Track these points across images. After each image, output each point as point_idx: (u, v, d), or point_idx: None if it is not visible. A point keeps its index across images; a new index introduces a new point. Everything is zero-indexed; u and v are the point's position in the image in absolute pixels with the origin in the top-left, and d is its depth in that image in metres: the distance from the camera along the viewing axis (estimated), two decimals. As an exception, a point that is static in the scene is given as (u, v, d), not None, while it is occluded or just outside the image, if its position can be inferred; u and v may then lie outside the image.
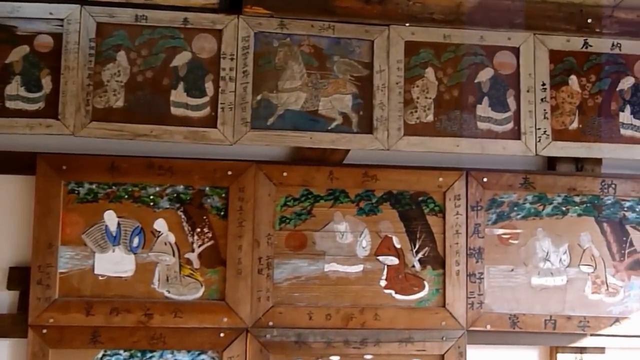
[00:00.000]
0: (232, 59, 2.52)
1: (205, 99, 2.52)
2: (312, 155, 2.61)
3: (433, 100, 2.64)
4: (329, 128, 2.57)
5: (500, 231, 2.66)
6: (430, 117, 2.63)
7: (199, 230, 2.51)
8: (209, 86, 2.52)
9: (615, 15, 2.74)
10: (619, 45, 2.73)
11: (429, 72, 2.65)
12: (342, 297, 2.54)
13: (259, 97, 2.54)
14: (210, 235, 2.51)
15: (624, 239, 2.70)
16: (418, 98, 2.63)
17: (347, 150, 2.62)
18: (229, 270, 2.48)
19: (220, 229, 2.51)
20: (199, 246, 2.51)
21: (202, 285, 2.50)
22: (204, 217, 2.52)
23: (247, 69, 2.52)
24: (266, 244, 2.51)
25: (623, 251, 2.70)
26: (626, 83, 2.74)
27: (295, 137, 2.54)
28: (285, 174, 2.54)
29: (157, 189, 2.51)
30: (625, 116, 2.72)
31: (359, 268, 2.57)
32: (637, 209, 2.72)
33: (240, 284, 2.48)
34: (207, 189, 2.53)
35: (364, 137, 2.58)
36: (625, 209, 2.71)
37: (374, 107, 2.58)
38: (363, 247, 2.59)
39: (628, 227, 2.71)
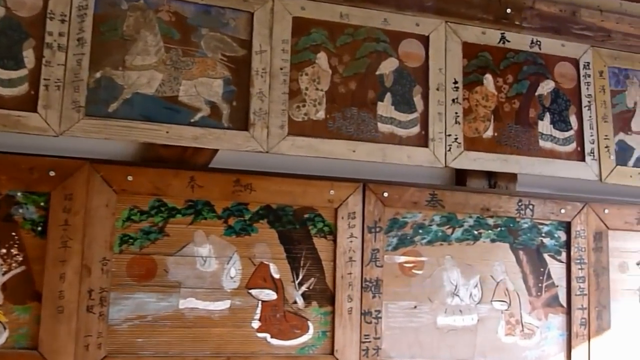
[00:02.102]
0: (62, 22, 2.65)
1: (23, 72, 2.60)
2: (168, 155, 2.80)
3: (325, 93, 2.98)
4: (192, 120, 2.79)
5: (402, 259, 3.05)
6: (322, 114, 2.97)
7: (4, 251, 2.56)
8: (28, 55, 2.62)
9: (537, 8, 3.33)
10: (538, 43, 3.32)
11: (321, 58, 3.00)
12: (202, 342, 2.73)
13: (98, 75, 2.69)
14: (20, 258, 2.58)
15: (542, 269, 3.24)
16: (307, 89, 2.96)
17: (215, 151, 2.85)
18: (45, 308, 2.56)
19: (35, 250, 2.59)
20: (4, 274, 2.56)
21: (5, 328, 2.54)
22: (13, 234, 2.58)
23: (84, 36, 2.67)
24: (100, 272, 2.63)
25: (540, 284, 3.23)
26: (546, 87, 3.33)
27: (146, 130, 2.71)
28: (130, 178, 2.70)
29: (-55, 192, 2.54)
30: (545, 126, 3.30)
31: (225, 305, 2.79)
32: (556, 235, 3.28)
33: (61, 326, 2.57)
34: (19, 194, 2.60)
35: (237, 134, 2.83)
36: (543, 234, 3.26)
37: (251, 97, 2.85)
38: (231, 278, 2.81)
39: (546, 255, 3.25)
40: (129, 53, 2.75)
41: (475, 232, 3.16)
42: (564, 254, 3.28)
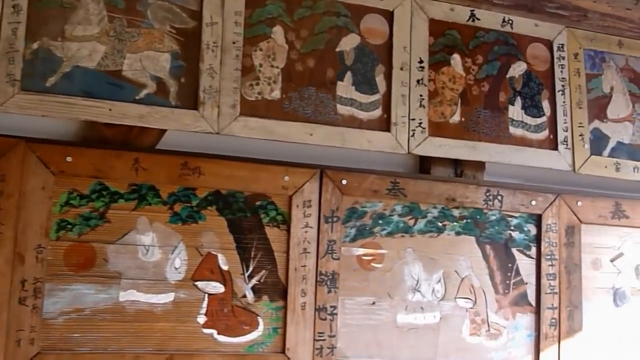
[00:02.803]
0: (-4, -13, 2.90)
1: (-49, 42, 2.85)
2: (111, 135, 3.09)
3: (281, 70, 3.33)
4: (137, 98, 3.09)
5: (361, 251, 3.42)
6: (277, 94, 3.31)
7: None
8: (-43, 23, 2.87)
9: (509, -17, 3.76)
10: (510, 22, 3.74)
11: (277, 32, 3.34)
12: (144, 338, 3.03)
13: (35, 46, 2.96)
14: (-54, 244, 2.81)
15: (510, 265, 3.66)
16: (261, 66, 3.30)
17: (163, 131, 3.17)
18: (-28, 300, 2.80)
19: (-37, 236, 2.82)
20: None
21: None
22: (-62, 218, 2.81)
23: (20, 2, 2.93)
24: (35, 261, 2.90)
25: (508, 281, 3.66)
26: (517, 69, 3.76)
27: (87, 107, 3.00)
28: (69, 159, 2.97)
29: None
30: (515, 111, 3.73)
31: (168, 297, 3.09)
32: (525, 229, 3.71)
33: (-9, 319, 2.81)
34: (-54, 175, 2.84)
35: (185, 113, 3.14)
36: (512, 227, 3.68)
37: (201, 74, 3.17)
38: (176, 268, 3.12)
39: (514, 250, 3.67)
40: (69, 22, 3.03)
41: (440, 224, 3.56)
42: (533, 249, 3.70)
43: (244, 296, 3.21)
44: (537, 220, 3.72)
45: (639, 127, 3.97)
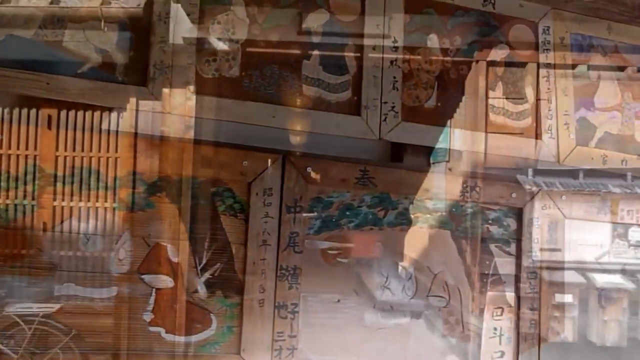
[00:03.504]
0: None
1: None
2: (50, 112, 2.88)
3: (241, 45, 3.13)
4: (79, 72, 2.90)
5: (326, 244, 3.24)
6: (236, 71, 3.11)
7: None
8: None
9: (492, -42, 3.57)
10: (492, 1, 3.52)
11: (237, 5, 3.13)
12: (83, 337, 2.87)
13: None
14: None
15: (487, 262, 3.47)
16: (219, 40, 3.10)
17: (109, 109, 2.96)
18: None
19: None
20: None
21: None
22: None
23: None
24: None
25: (485, 279, 3.47)
26: (499, 52, 3.55)
27: (23, 80, 2.81)
28: (0, 137, 2.81)
29: None
30: (496, 97, 3.52)
31: (111, 292, 2.93)
32: (505, 223, 3.52)
33: None
34: None
35: (133, 90, 2.95)
36: (490, 221, 3.49)
37: (152, 47, 2.97)
38: (120, 260, 2.95)
39: (492, 246, 3.48)
40: (4, -14, 2.84)
41: (412, 216, 3.37)
42: (513, 246, 3.51)
43: (196, 291, 3.06)
44: (518, 214, 3.54)
45: (628, 116, 3.78)
